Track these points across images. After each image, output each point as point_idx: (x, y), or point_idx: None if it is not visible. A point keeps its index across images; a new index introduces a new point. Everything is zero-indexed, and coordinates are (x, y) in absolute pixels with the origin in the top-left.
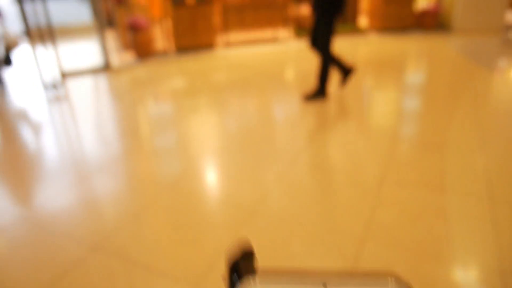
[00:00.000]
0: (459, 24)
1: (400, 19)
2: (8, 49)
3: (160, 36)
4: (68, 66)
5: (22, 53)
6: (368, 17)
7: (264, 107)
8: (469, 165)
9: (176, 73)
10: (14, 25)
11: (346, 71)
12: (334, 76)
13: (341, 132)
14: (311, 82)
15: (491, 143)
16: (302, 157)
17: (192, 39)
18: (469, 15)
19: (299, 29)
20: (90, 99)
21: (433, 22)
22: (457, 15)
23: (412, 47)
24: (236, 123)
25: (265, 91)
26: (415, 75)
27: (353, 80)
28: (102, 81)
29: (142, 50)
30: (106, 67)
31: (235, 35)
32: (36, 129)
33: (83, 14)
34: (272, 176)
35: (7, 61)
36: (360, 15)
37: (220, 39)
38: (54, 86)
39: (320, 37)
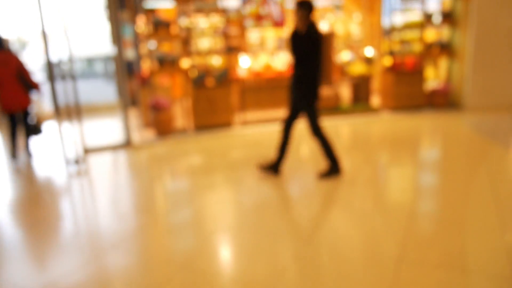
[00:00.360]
0: (470, 102)
1: (412, 98)
2: (39, 121)
3: (180, 115)
4: (92, 142)
5: (50, 127)
6: (381, 97)
7: (279, 183)
8: (489, 244)
9: (194, 150)
10: (46, 101)
11: (333, 168)
12: (349, 156)
13: (357, 209)
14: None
15: (511, 222)
16: (317, 234)
17: (210, 118)
18: (478, 93)
19: None
20: (109, 174)
21: (444, 101)
22: (467, 93)
23: (425, 125)
24: (252, 200)
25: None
26: (429, 152)
27: (368, 157)
28: (122, 157)
29: (163, 128)
30: (128, 144)
31: (252, 114)
32: (56, 202)
33: (109, 93)
34: (287, 254)
35: (37, 131)
36: (372, 95)
37: (238, 118)
38: (77, 161)
39: (309, 124)
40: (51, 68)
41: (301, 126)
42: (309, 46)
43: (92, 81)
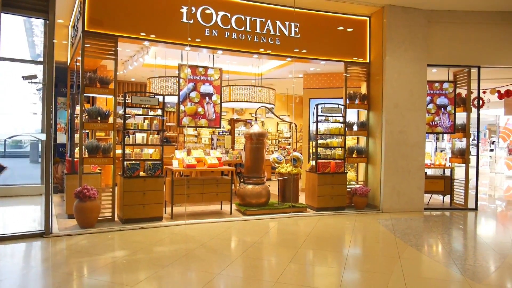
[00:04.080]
0: (385, 204)
1: (335, 199)
2: None
3: (108, 205)
4: (5, 230)
5: None
6: (306, 197)
7: (204, 280)
8: None
9: (119, 244)
10: None
11: None
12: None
13: None
14: (253, 255)
15: None
16: None
17: (139, 210)
18: (390, 196)
19: (243, 204)
20: (18, 268)
21: (364, 202)
22: (383, 197)
23: (346, 225)
24: None
25: (208, 264)
26: (349, 251)
27: (293, 254)
28: (37, 248)
29: (87, 218)
30: (46, 233)
31: (182, 208)
32: None
33: (35, 177)
34: None
35: None
36: (299, 195)
37: (167, 211)
38: None
39: None
40: None
41: (243, 219)
42: None
43: (19, 161)
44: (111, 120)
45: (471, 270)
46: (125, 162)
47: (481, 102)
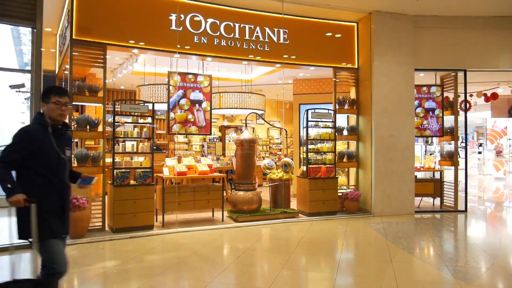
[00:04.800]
0: (376, 208)
1: (326, 204)
2: None
3: (98, 214)
4: None
5: None
6: (298, 202)
7: None
8: None
9: (110, 254)
10: None
11: None
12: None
13: None
14: (246, 262)
15: None
16: None
17: (130, 219)
18: (381, 200)
19: (235, 211)
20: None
21: (355, 206)
22: (374, 201)
23: (338, 230)
24: None
25: (200, 272)
26: (342, 256)
27: (286, 260)
28: (26, 260)
29: (76, 228)
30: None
31: (173, 216)
32: None
33: None
34: None
35: None
36: (291, 200)
37: (158, 219)
38: None
39: None
40: None
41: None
42: None
43: None
44: (100, 128)
45: (462, 271)
46: (115, 170)
47: (468, 105)
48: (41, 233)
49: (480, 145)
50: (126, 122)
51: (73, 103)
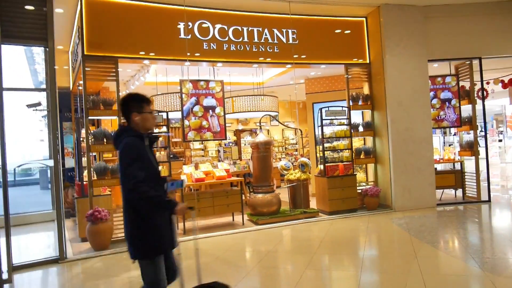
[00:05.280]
0: (397, 203)
1: (346, 202)
2: None
3: (120, 226)
4: (22, 258)
5: None
6: (317, 201)
7: None
8: None
9: (135, 264)
10: None
11: None
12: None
13: None
14: (268, 264)
15: None
16: None
17: None
18: (401, 195)
19: (255, 214)
20: None
21: (375, 203)
22: (394, 196)
23: (360, 227)
24: None
25: (224, 276)
26: (365, 253)
27: (310, 260)
28: (53, 274)
29: (100, 240)
30: (61, 259)
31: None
32: None
33: (46, 203)
34: None
35: None
36: (310, 200)
37: (179, 226)
38: (3, 281)
39: None
40: None
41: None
42: None
43: (30, 188)
44: None
45: (490, 263)
46: None
47: (485, 93)
48: (155, 247)
49: (501, 132)
50: None
51: (89, 117)
